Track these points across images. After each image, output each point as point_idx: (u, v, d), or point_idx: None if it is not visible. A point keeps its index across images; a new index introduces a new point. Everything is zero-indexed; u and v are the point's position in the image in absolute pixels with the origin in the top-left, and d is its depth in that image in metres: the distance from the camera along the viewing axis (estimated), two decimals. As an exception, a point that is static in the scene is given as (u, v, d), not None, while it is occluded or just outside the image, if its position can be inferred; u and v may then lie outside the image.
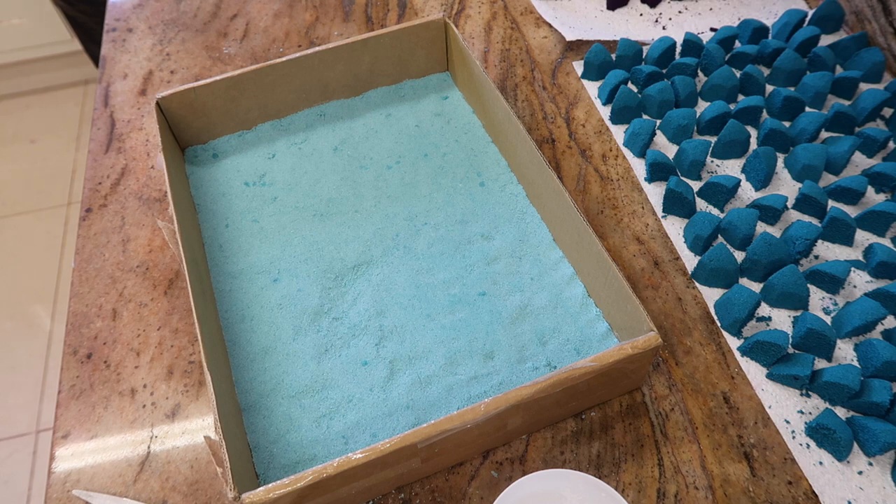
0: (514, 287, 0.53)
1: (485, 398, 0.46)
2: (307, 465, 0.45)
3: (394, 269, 0.54)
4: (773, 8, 0.72)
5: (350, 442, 0.46)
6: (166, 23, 0.76)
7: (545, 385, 0.40)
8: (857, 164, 0.59)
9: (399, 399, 0.47)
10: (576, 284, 0.52)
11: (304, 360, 0.50)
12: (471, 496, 0.44)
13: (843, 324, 0.49)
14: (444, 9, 0.76)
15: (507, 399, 0.40)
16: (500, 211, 0.57)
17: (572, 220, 0.50)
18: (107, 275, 0.56)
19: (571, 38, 0.70)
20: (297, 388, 0.48)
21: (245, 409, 0.48)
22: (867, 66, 0.64)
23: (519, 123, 0.54)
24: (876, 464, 0.44)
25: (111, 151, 0.65)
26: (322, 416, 0.47)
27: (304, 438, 0.46)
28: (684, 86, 0.63)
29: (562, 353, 0.49)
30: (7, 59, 1.72)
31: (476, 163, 0.61)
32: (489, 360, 0.49)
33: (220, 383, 0.44)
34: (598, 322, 0.50)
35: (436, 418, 0.40)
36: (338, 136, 0.64)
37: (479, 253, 0.55)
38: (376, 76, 0.66)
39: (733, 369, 0.49)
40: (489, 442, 0.45)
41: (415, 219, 0.57)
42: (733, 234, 0.53)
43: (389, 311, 0.52)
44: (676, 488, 0.44)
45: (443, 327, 0.51)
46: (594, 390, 0.45)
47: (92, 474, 0.46)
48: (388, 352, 0.50)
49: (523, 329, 0.50)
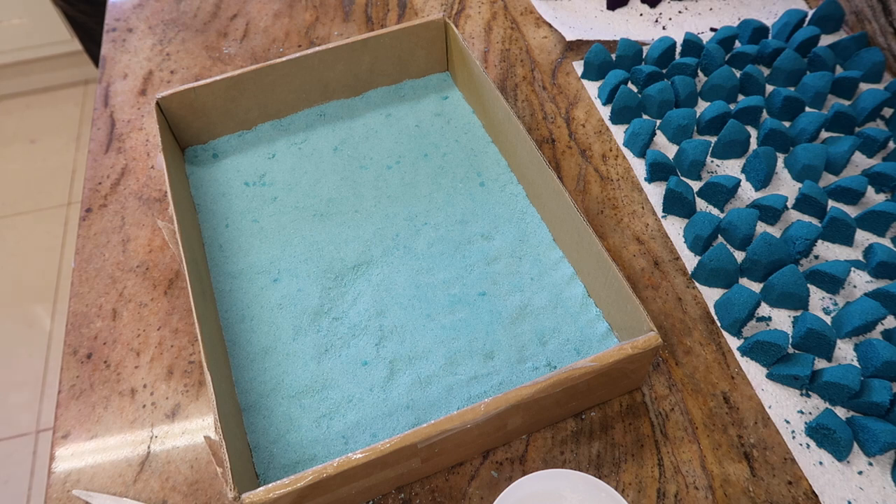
0: (514, 287, 0.53)
1: (485, 398, 0.46)
2: (307, 465, 0.45)
3: (394, 269, 0.54)
4: (773, 8, 0.72)
5: (350, 442, 0.46)
6: (166, 23, 0.76)
7: (545, 385, 0.40)
8: (857, 164, 0.59)
9: (399, 399, 0.47)
10: (576, 284, 0.52)
11: (304, 360, 0.50)
12: (471, 496, 0.44)
13: (843, 324, 0.49)
14: (444, 9, 0.76)
15: (507, 399, 0.40)
16: (500, 211, 0.57)
17: (572, 220, 0.50)
18: (107, 275, 0.56)
19: (571, 38, 0.70)
20: (297, 388, 0.48)
21: (245, 409, 0.48)
22: (867, 66, 0.64)
23: (519, 123, 0.54)
24: (876, 464, 0.44)
25: (111, 151, 0.65)
26: (322, 416, 0.47)
27: (304, 438, 0.46)
28: (684, 86, 0.63)
29: (562, 353, 0.49)
30: (7, 59, 1.72)
31: (476, 163, 0.61)
32: (489, 360, 0.49)
33: (220, 383, 0.44)
34: (598, 322, 0.50)
35: (436, 418, 0.40)
36: (338, 136, 0.64)
37: (479, 253, 0.55)
38: (376, 76, 0.66)
39: (733, 369, 0.49)
40: (489, 442, 0.45)
41: (415, 219, 0.57)
42: (733, 234, 0.53)
43: (389, 311, 0.52)
44: (676, 488, 0.44)
45: (443, 327, 0.51)
46: (594, 390, 0.45)
47: (92, 474, 0.46)
48: (388, 352, 0.50)
49: (523, 329, 0.50)
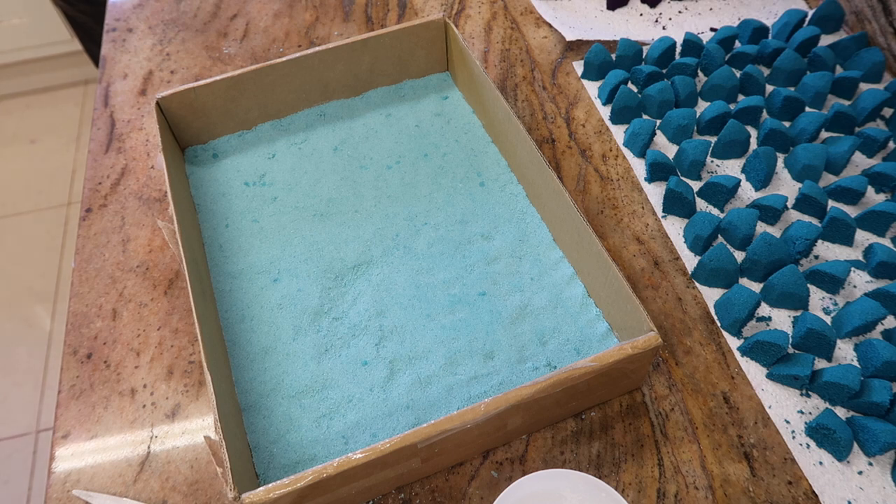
0: (514, 287, 0.53)
1: (485, 398, 0.46)
2: (307, 465, 0.45)
3: (394, 269, 0.54)
4: (773, 8, 0.72)
5: (350, 442, 0.46)
6: (166, 23, 0.76)
7: (545, 385, 0.40)
8: (857, 164, 0.59)
9: (399, 399, 0.47)
10: (576, 284, 0.52)
11: (304, 360, 0.50)
12: (471, 496, 0.44)
13: (843, 324, 0.49)
14: (444, 9, 0.76)
15: (507, 399, 0.40)
16: (500, 211, 0.57)
17: (572, 220, 0.50)
18: (107, 275, 0.56)
19: (571, 38, 0.70)
20: (297, 388, 0.48)
21: (245, 409, 0.48)
22: (867, 66, 0.64)
23: (519, 123, 0.54)
24: (876, 464, 0.44)
25: (111, 151, 0.65)
26: (322, 416, 0.47)
27: (304, 438, 0.46)
28: (684, 86, 0.63)
29: (562, 353, 0.49)
30: (7, 59, 1.72)
31: (476, 163, 0.61)
32: (489, 360, 0.49)
33: (220, 383, 0.44)
34: (598, 322, 0.50)
35: (436, 418, 0.40)
36: (338, 136, 0.64)
37: (479, 253, 0.55)
38: (376, 76, 0.66)
39: (733, 369, 0.49)
40: (489, 442, 0.45)
41: (415, 219, 0.57)
42: (733, 234, 0.53)
43: (389, 311, 0.52)
44: (676, 488, 0.44)
45: (443, 327, 0.51)
46: (594, 390, 0.45)
47: (92, 474, 0.46)
48: (388, 352, 0.50)
49: (523, 329, 0.50)
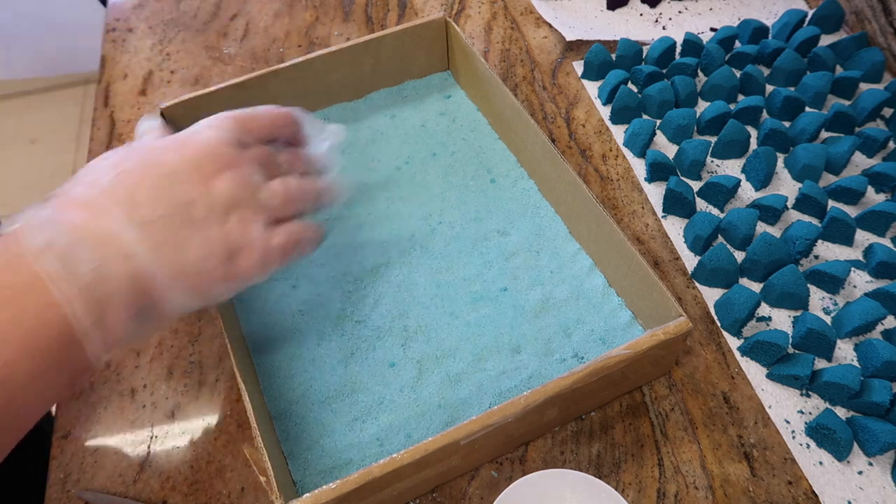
0: (534, 281, 0.53)
1: (516, 392, 0.46)
2: (344, 469, 0.44)
3: (413, 270, 0.54)
4: (773, 8, 0.72)
5: (385, 444, 0.45)
6: (166, 23, 0.76)
7: (582, 375, 0.41)
8: (857, 164, 0.59)
9: (430, 398, 0.47)
10: (595, 275, 0.52)
11: (331, 365, 0.49)
12: (471, 496, 0.44)
13: (843, 324, 0.49)
14: (444, 9, 0.76)
15: (546, 391, 0.40)
16: (514, 206, 0.57)
17: (591, 210, 0.50)
18: (107, 275, 0.56)
19: (571, 38, 0.70)
20: (327, 393, 0.48)
21: (276, 416, 0.47)
22: (867, 66, 0.64)
23: (529, 118, 0.54)
24: (876, 464, 0.44)
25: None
26: (354, 419, 0.47)
27: (339, 443, 0.46)
28: (684, 86, 0.63)
29: (588, 344, 0.49)
30: (7, 59, 1.72)
31: (485, 160, 0.61)
32: (516, 354, 0.49)
33: (252, 393, 0.44)
34: (620, 311, 0.50)
35: (469, 415, 0.40)
36: (344, 140, 0.63)
37: (497, 249, 0.55)
38: (378, 78, 0.65)
39: (733, 369, 0.49)
40: (526, 434, 0.45)
41: (429, 218, 0.57)
42: (733, 234, 0.53)
43: (412, 312, 0.52)
44: (676, 488, 0.44)
45: (467, 324, 0.51)
46: (626, 378, 0.45)
47: (92, 474, 0.46)
48: (415, 352, 0.50)
49: (547, 322, 0.50)
